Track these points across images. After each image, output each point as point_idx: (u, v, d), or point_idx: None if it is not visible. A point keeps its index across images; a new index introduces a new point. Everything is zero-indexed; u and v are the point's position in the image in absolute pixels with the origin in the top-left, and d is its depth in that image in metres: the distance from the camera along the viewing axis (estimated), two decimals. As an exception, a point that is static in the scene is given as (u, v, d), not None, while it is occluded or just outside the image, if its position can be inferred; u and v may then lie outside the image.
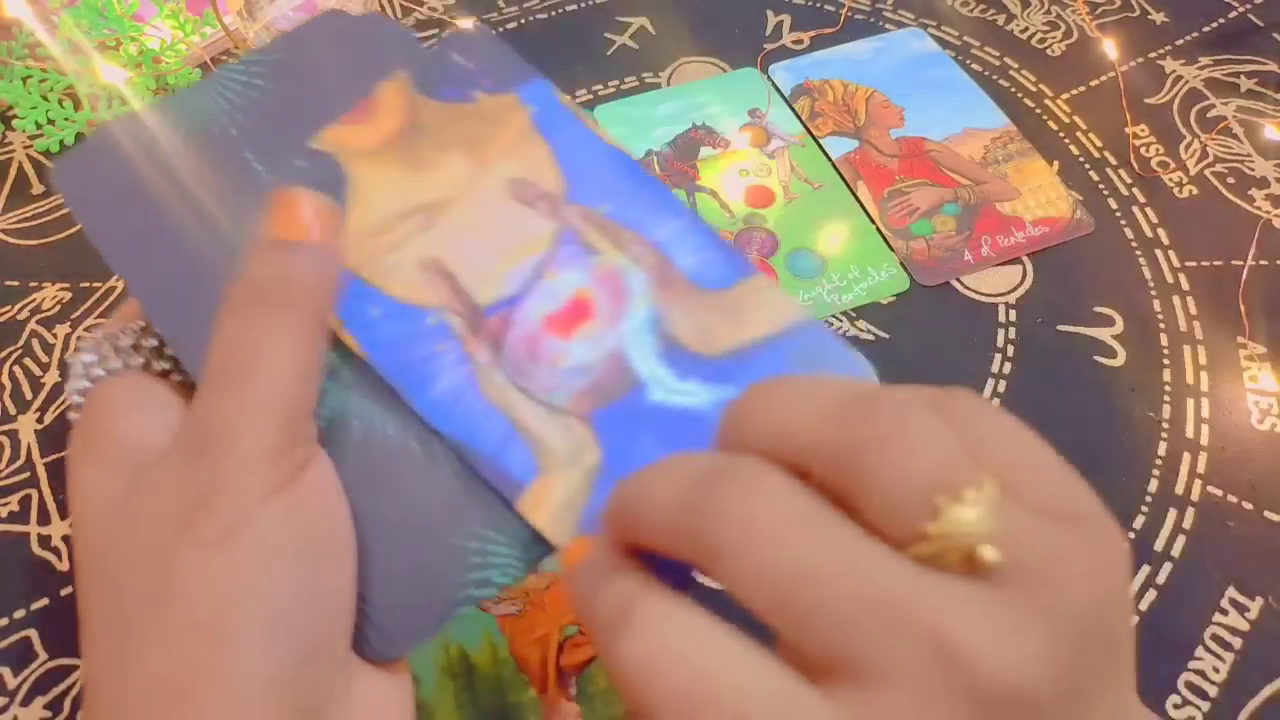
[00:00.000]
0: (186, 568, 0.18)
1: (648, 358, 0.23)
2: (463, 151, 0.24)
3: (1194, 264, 0.40)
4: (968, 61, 0.48)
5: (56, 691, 0.29)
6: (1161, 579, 0.31)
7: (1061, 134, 0.44)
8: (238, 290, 0.19)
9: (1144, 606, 0.31)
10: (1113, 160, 0.43)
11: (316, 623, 0.19)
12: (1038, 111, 0.45)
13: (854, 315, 0.38)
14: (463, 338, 0.22)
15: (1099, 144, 0.44)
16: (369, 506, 0.20)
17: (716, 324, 0.23)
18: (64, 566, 0.32)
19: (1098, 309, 0.38)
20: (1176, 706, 0.29)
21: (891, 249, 0.40)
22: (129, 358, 0.22)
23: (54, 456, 0.34)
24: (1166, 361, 0.37)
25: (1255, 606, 0.31)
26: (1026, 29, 0.49)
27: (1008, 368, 0.36)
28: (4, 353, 0.37)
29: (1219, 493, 0.33)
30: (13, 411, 0.35)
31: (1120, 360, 0.37)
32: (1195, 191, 0.42)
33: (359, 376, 0.21)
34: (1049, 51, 0.48)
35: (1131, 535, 0.32)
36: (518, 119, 0.24)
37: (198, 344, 0.21)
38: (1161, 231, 0.41)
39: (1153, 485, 0.33)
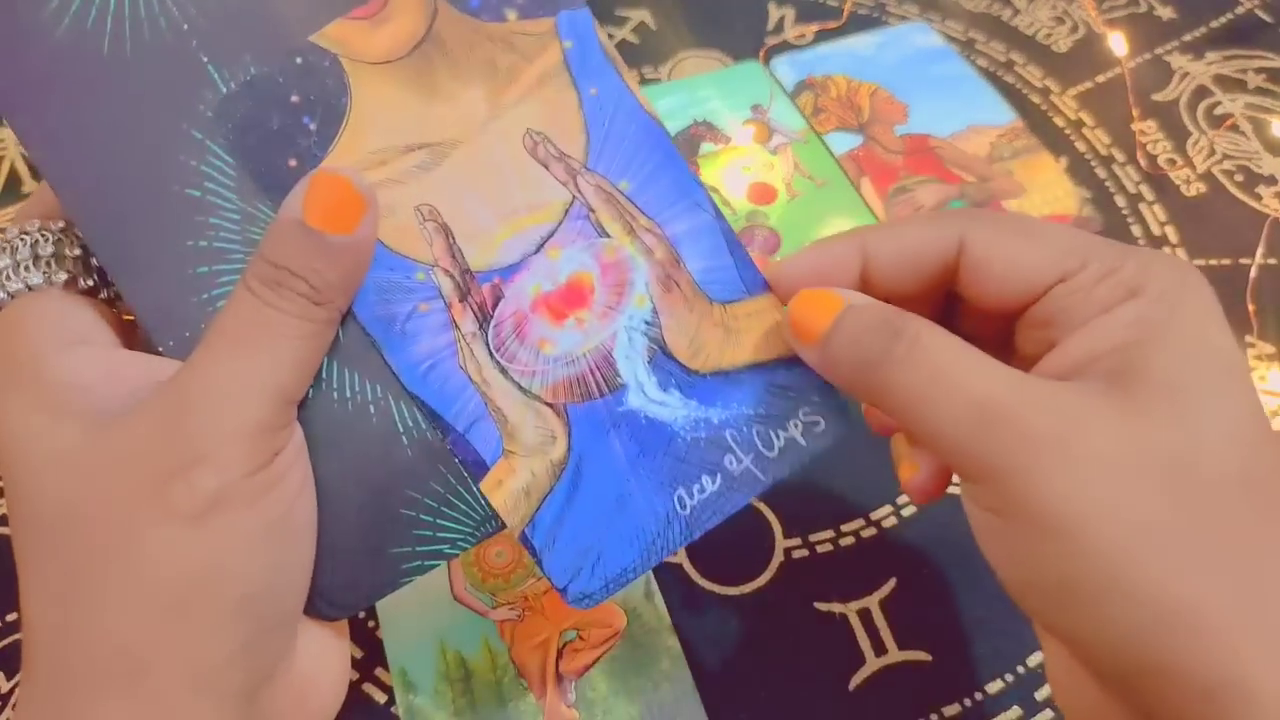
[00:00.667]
0: (157, 540, 0.17)
1: (635, 361, 0.22)
2: (482, 84, 0.21)
3: (1202, 262, 0.39)
4: (973, 57, 0.47)
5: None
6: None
7: (1068, 130, 0.44)
8: (262, 268, 0.18)
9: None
10: (1120, 157, 0.43)
11: (279, 599, 0.19)
12: (1044, 108, 0.45)
13: (858, 314, 0.37)
14: (449, 301, 0.21)
15: (1106, 141, 0.43)
16: (325, 469, 0.20)
17: (711, 339, 0.22)
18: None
19: (1105, 308, 0.38)
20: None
21: (896, 247, 0.39)
22: (51, 271, 0.20)
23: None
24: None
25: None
26: (1032, 24, 0.49)
27: (1014, 368, 0.36)
28: None
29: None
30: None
31: (1128, 360, 0.36)
32: (1203, 189, 0.42)
33: (346, 344, 0.20)
34: (1055, 47, 0.48)
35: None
36: (549, 54, 0.22)
37: (128, 257, 0.19)
38: (1169, 229, 0.40)
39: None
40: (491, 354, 0.21)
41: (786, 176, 0.42)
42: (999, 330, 0.22)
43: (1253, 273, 0.38)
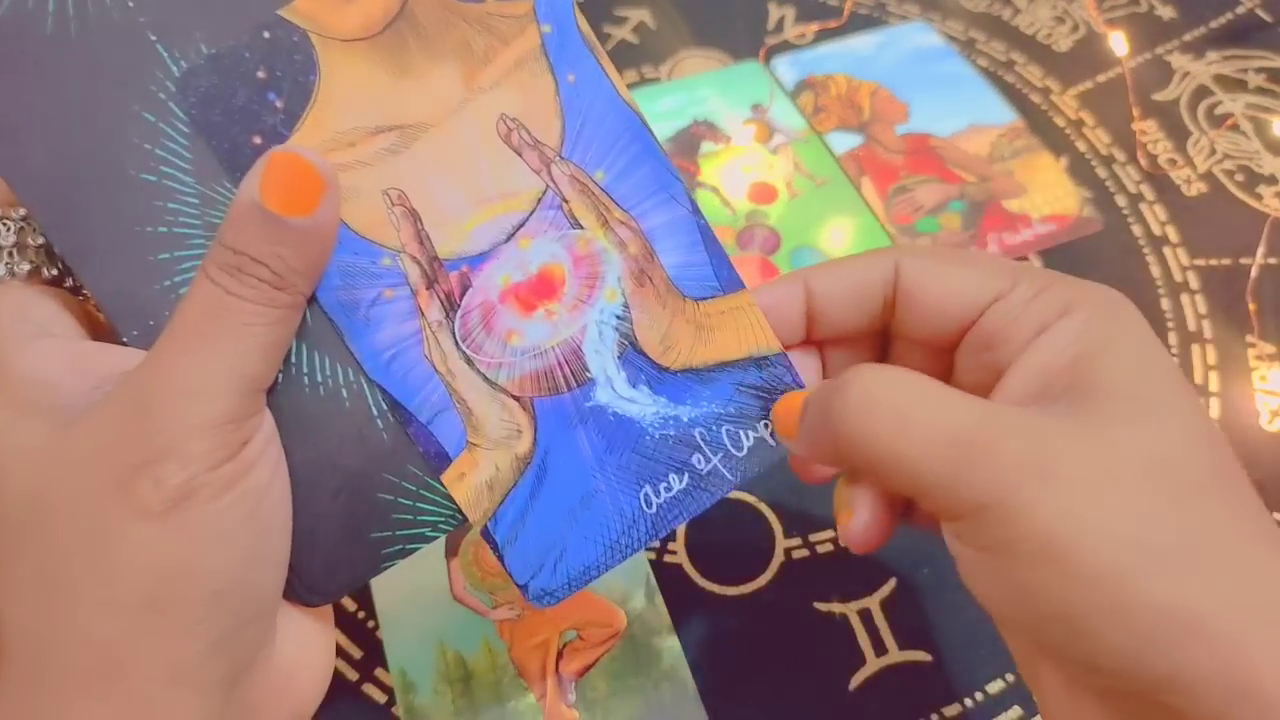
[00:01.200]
0: (126, 536, 0.17)
1: (604, 355, 0.21)
2: (456, 65, 0.21)
3: (1203, 262, 0.39)
4: (973, 56, 0.47)
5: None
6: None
7: (1068, 130, 0.44)
8: (221, 254, 0.18)
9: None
10: (1120, 157, 0.43)
11: (253, 590, 0.19)
12: (1044, 107, 0.45)
13: (858, 314, 0.37)
14: (416, 288, 0.20)
15: (1107, 140, 0.43)
16: (301, 455, 0.20)
17: (683, 336, 0.22)
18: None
19: (1105, 308, 0.38)
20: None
21: (896, 247, 0.39)
22: (14, 262, 0.19)
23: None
24: (1175, 360, 0.36)
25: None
26: (1033, 24, 0.49)
27: (1014, 367, 0.36)
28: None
29: (1228, 495, 0.33)
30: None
31: (1128, 360, 0.36)
32: (1204, 189, 0.42)
33: (315, 329, 0.20)
34: (1055, 47, 0.48)
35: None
36: (527, 38, 0.21)
37: (85, 245, 0.19)
38: (1170, 229, 0.40)
39: (1161, 487, 0.33)
40: (458, 344, 0.21)
41: (787, 176, 0.42)
42: (940, 365, 0.22)
43: (1253, 272, 0.38)
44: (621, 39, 0.48)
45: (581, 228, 0.21)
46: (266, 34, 0.20)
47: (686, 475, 0.22)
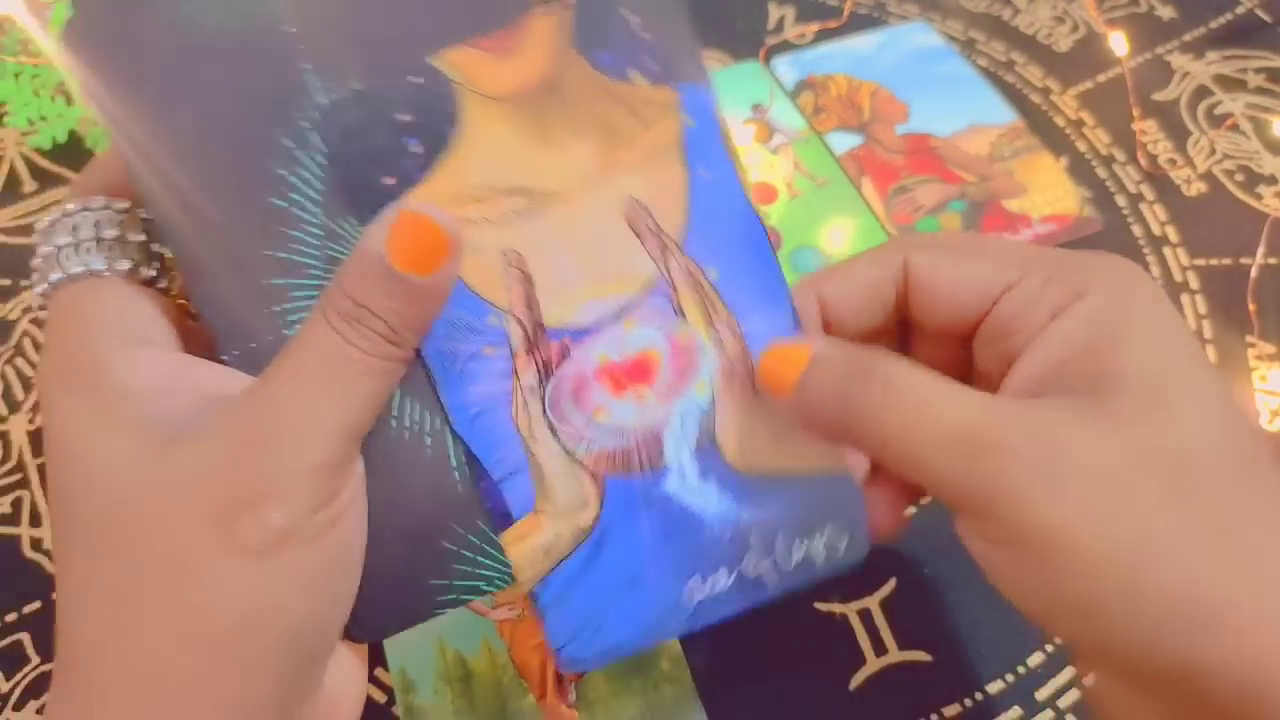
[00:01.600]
0: (217, 571, 0.17)
1: (682, 446, 0.22)
2: (595, 141, 0.21)
3: (1202, 262, 0.39)
4: (973, 56, 0.47)
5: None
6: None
7: (1068, 130, 0.44)
8: (341, 302, 0.18)
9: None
10: (1120, 157, 0.43)
11: (325, 631, 0.19)
12: (1044, 107, 0.45)
13: (858, 314, 0.37)
14: (516, 351, 0.21)
15: (1106, 140, 0.43)
16: (376, 494, 0.20)
17: (760, 442, 0.22)
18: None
19: (1105, 308, 0.38)
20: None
21: (896, 247, 0.39)
22: (114, 257, 0.19)
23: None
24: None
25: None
26: (1033, 24, 0.49)
27: (1014, 368, 0.36)
28: (-4, 352, 0.37)
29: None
30: (4, 412, 0.35)
31: (1128, 360, 0.36)
32: (1204, 189, 0.42)
33: (410, 374, 0.20)
34: (1055, 47, 0.48)
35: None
36: (668, 127, 0.22)
37: (202, 258, 0.19)
38: (1170, 229, 0.40)
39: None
40: (545, 411, 0.21)
41: (787, 176, 0.42)
42: (958, 355, 0.22)
43: (1253, 272, 0.38)
44: (621, 39, 0.48)
45: (685, 319, 0.22)
46: (416, 80, 0.20)
47: (734, 575, 0.22)
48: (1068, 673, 0.29)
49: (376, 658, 0.29)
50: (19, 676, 0.29)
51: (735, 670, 0.29)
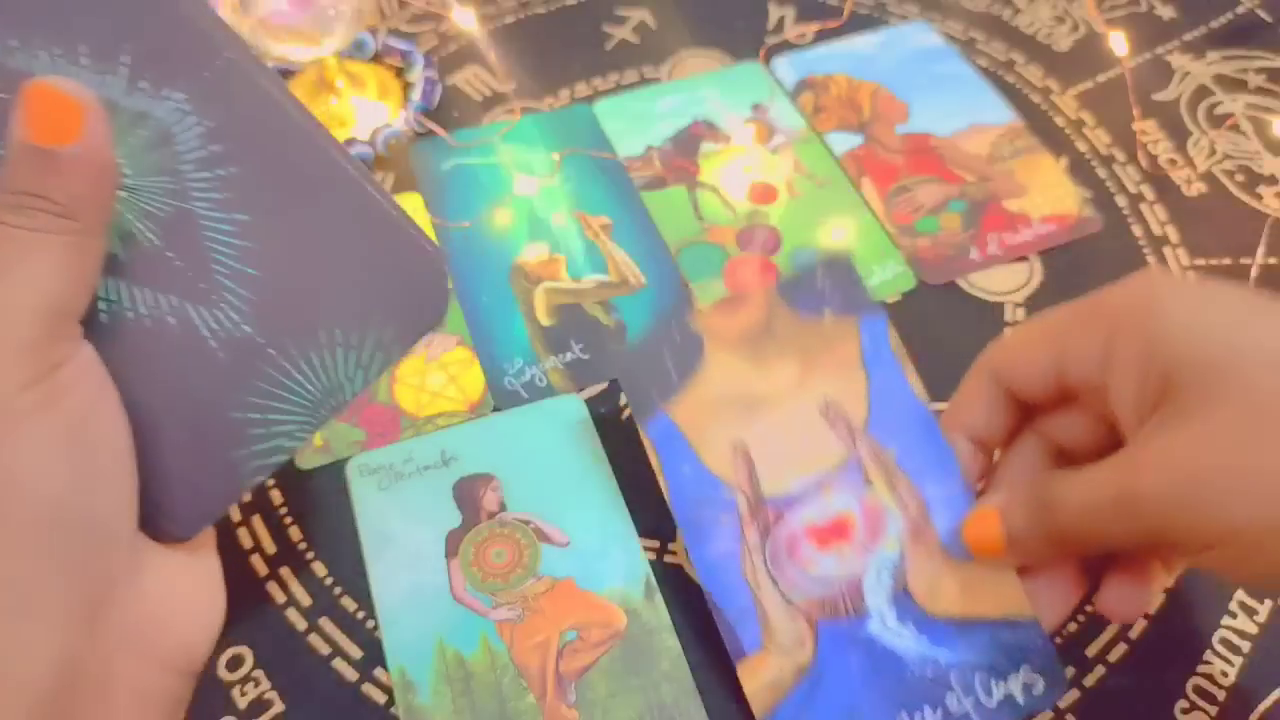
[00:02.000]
0: None
1: (880, 594, 0.26)
2: (797, 362, 0.29)
3: (1203, 262, 0.39)
4: (973, 56, 0.47)
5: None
6: (1170, 583, 0.31)
7: (1068, 130, 0.44)
8: (4, 200, 0.18)
9: (1151, 611, 0.30)
10: (1120, 157, 0.43)
11: (92, 509, 0.19)
12: (1044, 107, 0.45)
13: (858, 314, 0.37)
14: (743, 517, 0.27)
15: (1107, 140, 0.43)
16: (138, 390, 0.20)
17: (948, 589, 0.26)
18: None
19: (1105, 308, 0.38)
20: (1185, 711, 0.28)
21: (897, 246, 0.39)
22: None
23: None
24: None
25: (1264, 609, 0.30)
26: (1033, 24, 0.49)
27: (1014, 368, 0.36)
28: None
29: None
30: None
31: (1128, 360, 0.36)
32: (1204, 189, 0.42)
33: (129, 262, 0.20)
34: (1056, 46, 0.48)
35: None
36: (850, 345, 0.29)
37: None
38: (1170, 229, 0.40)
39: (1161, 487, 0.33)
40: (766, 564, 0.27)
41: (787, 176, 0.42)
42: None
43: (1253, 272, 0.38)
44: (622, 38, 0.48)
45: (873, 487, 0.27)
46: (676, 334, 0.29)
47: (940, 711, 0.25)
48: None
49: (376, 658, 0.29)
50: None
51: (734, 669, 0.29)
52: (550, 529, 0.31)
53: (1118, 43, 0.46)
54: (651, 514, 0.31)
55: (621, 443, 0.33)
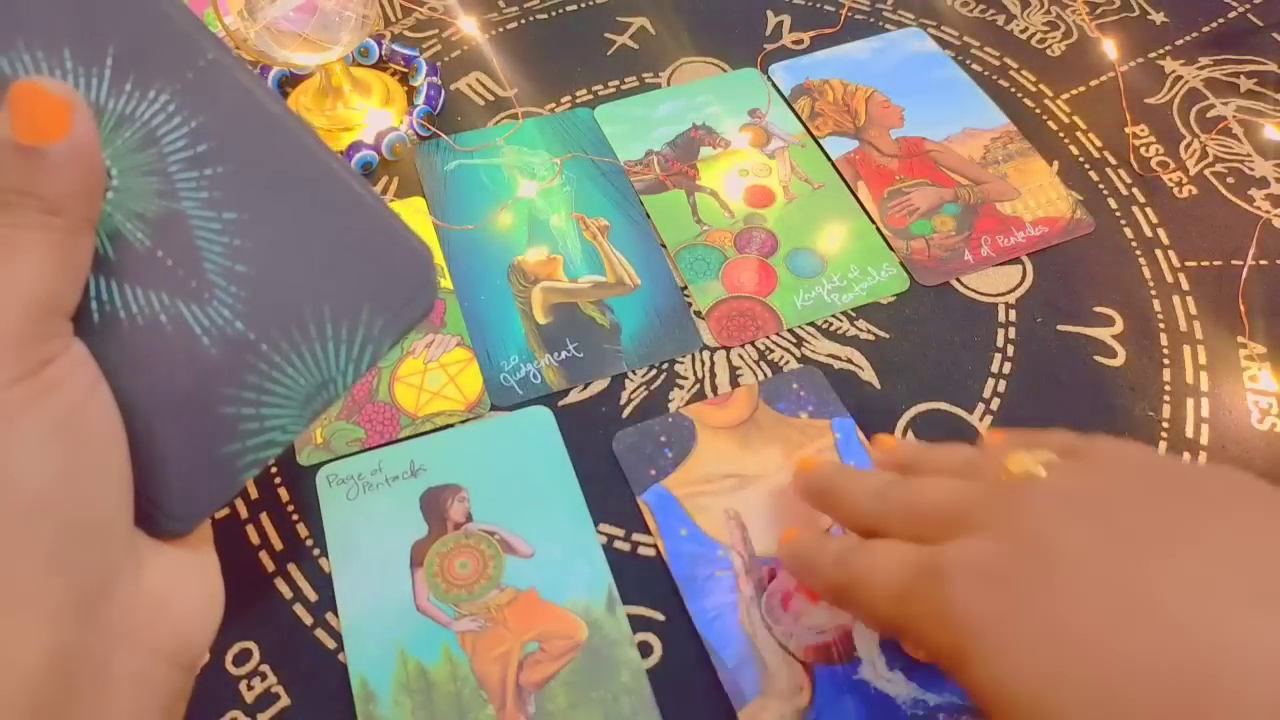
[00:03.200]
0: None
1: (869, 643, 0.29)
2: (779, 448, 0.33)
3: (1194, 264, 0.40)
4: (968, 61, 0.48)
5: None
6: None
7: (1061, 134, 0.44)
8: None
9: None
10: (1112, 160, 0.43)
11: (84, 503, 0.19)
12: (1037, 111, 0.45)
13: (854, 315, 0.38)
14: (738, 573, 0.30)
15: (1099, 144, 0.44)
16: (136, 389, 0.20)
17: None
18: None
19: (1097, 309, 0.38)
20: None
21: (892, 249, 0.40)
22: None
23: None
24: (1166, 361, 0.37)
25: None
26: (1026, 29, 0.49)
27: (1008, 368, 0.36)
28: None
29: (1218, 492, 0.33)
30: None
31: (1120, 360, 0.37)
32: (1195, 191, 0.42)
33: (120, 262, 0.21)
34: (1049, 51, 0.48)
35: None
36: (825, 439, 0.34)
37: None
38: (1161, 231, 0.41)
39: (1152, 485, 0.33)
40: (762, 615, 0.29)
41: (784, 180, 0.42)
42: None
43: (1244, 274, 0.39)
44: (622, 45, 0.49)
45: None
46: (670, 419, 0.34)
47: None
48: None
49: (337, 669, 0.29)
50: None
51: (694, 683, 0.29)
52: (515, 540, 0.31)
53: (1110, 48, 0.47)
54: (616, 500, 0.32)
55: (597, 439, 0.33)
